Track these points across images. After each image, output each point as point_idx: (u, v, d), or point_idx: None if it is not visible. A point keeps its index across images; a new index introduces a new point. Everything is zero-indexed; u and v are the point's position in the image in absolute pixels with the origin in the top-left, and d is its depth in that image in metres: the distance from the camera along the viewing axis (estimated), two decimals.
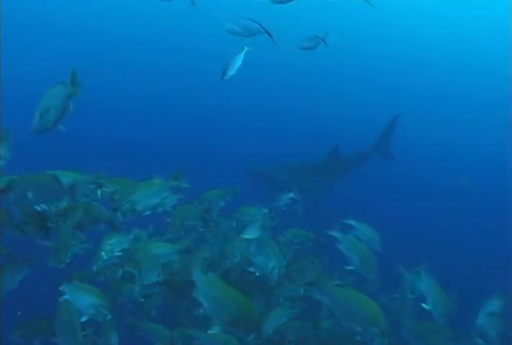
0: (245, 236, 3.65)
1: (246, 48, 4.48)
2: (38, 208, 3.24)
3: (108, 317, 3.32)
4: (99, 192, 3.59)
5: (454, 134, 19.44)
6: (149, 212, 3.67)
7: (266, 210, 4.53)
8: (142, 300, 3.79)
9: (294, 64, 22.59)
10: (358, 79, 22.92)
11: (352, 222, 4.39)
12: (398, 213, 11.10)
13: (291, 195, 5.12)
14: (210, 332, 3.29)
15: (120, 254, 3.73)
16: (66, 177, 3.34)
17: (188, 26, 24.33)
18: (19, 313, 4.44)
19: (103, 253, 3.65)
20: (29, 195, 3.16)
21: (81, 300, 3.27)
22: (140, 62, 20.07)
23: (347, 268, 3.91)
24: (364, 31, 27.55)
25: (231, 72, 4.46)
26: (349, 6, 28.53)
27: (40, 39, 20.74)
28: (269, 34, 4.45)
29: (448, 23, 29.59)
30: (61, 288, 3.24)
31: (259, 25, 4.47)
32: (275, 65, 22.31)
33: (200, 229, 4.33)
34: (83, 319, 3.22)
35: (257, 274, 3.41)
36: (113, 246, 3.69)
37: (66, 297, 3.20)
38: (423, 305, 3.67)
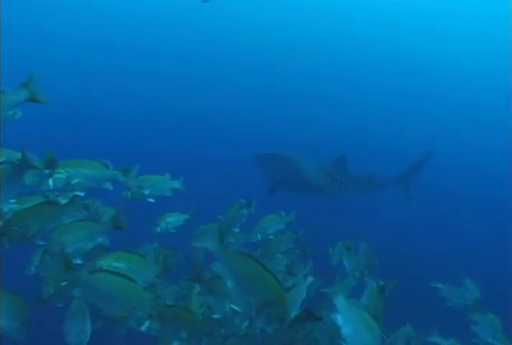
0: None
1: None
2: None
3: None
4: (51, 180, 2.82)
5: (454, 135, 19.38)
6: (80, 261, 2.93)
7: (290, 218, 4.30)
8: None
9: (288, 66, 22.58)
10: (356, 82, 22.82)
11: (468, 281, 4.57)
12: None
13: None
14: None
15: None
16: None
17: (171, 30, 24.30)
18: None
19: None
20: None
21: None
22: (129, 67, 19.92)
23: None
24: (361, 32, 27.47)
25: None
26: (347, 6, 28.57)
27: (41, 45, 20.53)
28: None
29: (447, 23, 29.54)
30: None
31: None
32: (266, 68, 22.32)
33: None
34: None
35: None
36: None
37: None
38: None
